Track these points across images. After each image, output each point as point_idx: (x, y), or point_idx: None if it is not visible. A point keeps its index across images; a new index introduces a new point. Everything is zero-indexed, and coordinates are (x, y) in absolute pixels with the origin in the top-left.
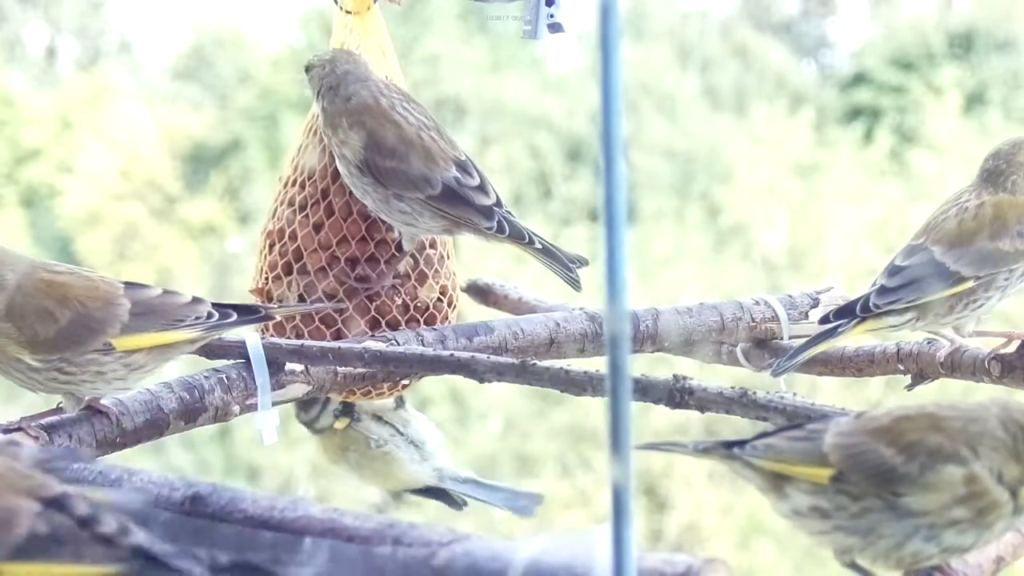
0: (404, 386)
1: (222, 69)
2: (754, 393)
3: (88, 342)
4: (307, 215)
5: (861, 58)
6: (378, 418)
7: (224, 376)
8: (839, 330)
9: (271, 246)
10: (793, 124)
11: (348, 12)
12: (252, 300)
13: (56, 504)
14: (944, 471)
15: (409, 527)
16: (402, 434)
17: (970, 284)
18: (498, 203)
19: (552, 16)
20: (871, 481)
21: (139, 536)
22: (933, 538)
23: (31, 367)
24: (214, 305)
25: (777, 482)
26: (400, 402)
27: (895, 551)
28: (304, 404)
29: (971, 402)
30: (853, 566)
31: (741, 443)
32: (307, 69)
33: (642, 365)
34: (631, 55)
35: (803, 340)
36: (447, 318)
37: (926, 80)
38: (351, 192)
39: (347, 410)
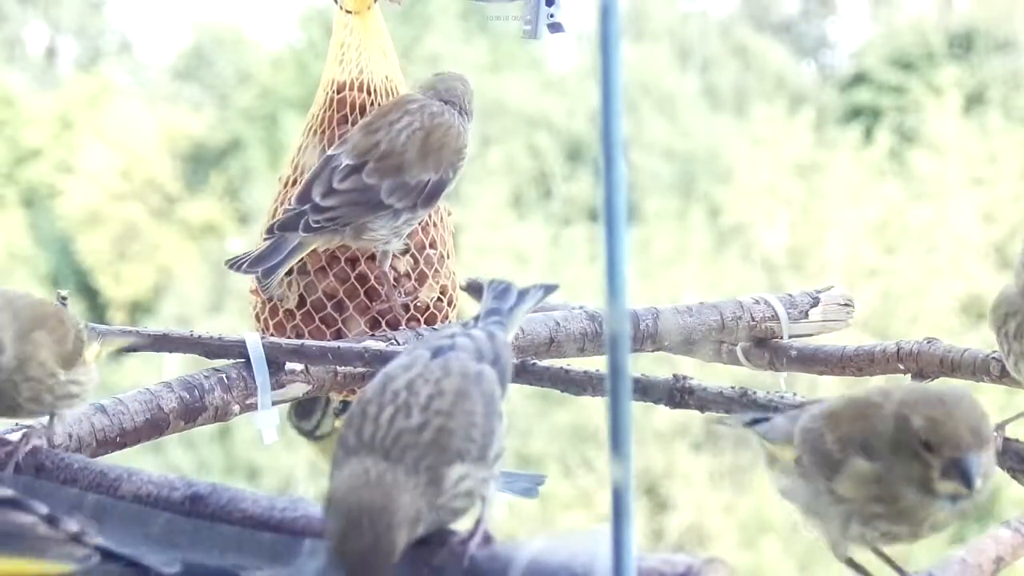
0: None
1: (222, 69)
2: (754, 393)
3: None
4: None
5: (861, 58)
6: None
7: (224, 376)
8: None
9: None
10: (793, 124)
11: (348, 12)
12: (251, 300)
13: (13, 504)
14: (856, 464)
15: None
16: None
17: None
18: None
19: (552, 16)
20: (816, 465)
21: (99, 538)
22: (867, 523)
23: None
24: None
25: (771, 460)
26: None
27: (843, 533)
28: (302, 414)
29: (900, 389)
30: (850, 563)
31: (764, 420)
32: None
33: (643, 365)
34: (631, 55)
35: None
36: (447, 317)
37: (926, 80)
38: None
39: (346, 408)
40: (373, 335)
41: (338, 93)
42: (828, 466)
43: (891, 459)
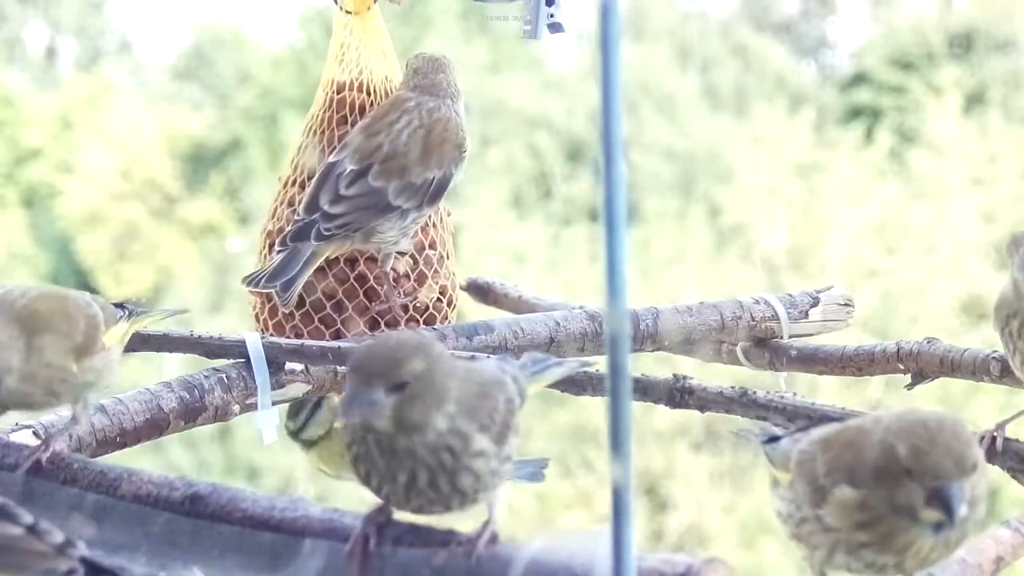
0: None
1: (222, 69)
2: (754, 393)
3: None
4: None
5: (861, 58)
6: None
7: (224, 376)
8: None
9: (271, 246)
10: (793, 124)
11: (348, 12)
12: (251, 300)
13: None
14: (841, 492)
15: (409, 527)
16: None
17: None
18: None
19: (552, 16)
20: (806, 491)
21: (83, 549)
22: (852, 553)
23: None
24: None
25: (773, 482)
26: None
27: (829, 561)
28: (291, 412)
29: (890, 416)
30: None
31: (778, 439)
32: None
33: (643, 365)
34: (631, 55)
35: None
36: (447, 318)
37: (926, 80)
38: None
39: None
40: (373, 335)
41: (338, 93)
42: (817, 492)
43: (877, 486)
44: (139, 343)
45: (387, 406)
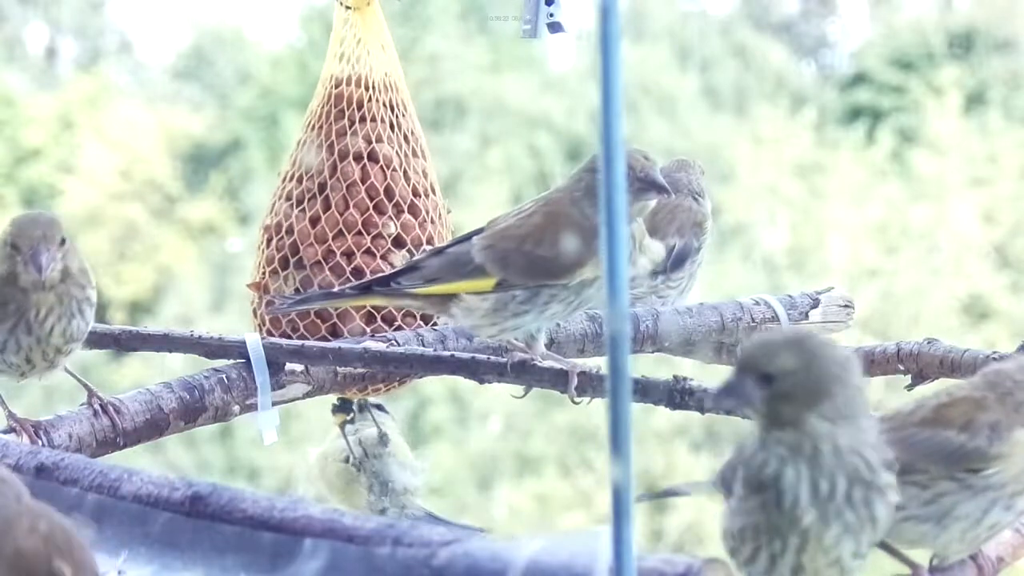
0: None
1: (222, 69)
2: None
3: None
4: (304, 209)
5: (861, 58)
6: (360, 443)
7: (224, 376)
8: None
9: (268, 240)
10: (794, 124)
11: (348, 7)
12: (250, 296)
13: None
14: (1012, 438)
15: (409, 527)
16: (374, 468)
17: None
18: None
19: (552, 16)
20: (942, 464)
21: None
22: (1011, 507)
23: None
24: None
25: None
26: (384, 439)
27: (972, 530)
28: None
29: (987, 375)
30: (883, 546)
31: None
32: None
33: (643, 366)
34: (631, 55)
35: None
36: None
37: (926, 80)
38: (349, 186)
39: (344, 406)
40: (373, 336)
41: (336, 88)
42: (964, 458)
43: None
44: (139, 343)
45: (756, 399)
